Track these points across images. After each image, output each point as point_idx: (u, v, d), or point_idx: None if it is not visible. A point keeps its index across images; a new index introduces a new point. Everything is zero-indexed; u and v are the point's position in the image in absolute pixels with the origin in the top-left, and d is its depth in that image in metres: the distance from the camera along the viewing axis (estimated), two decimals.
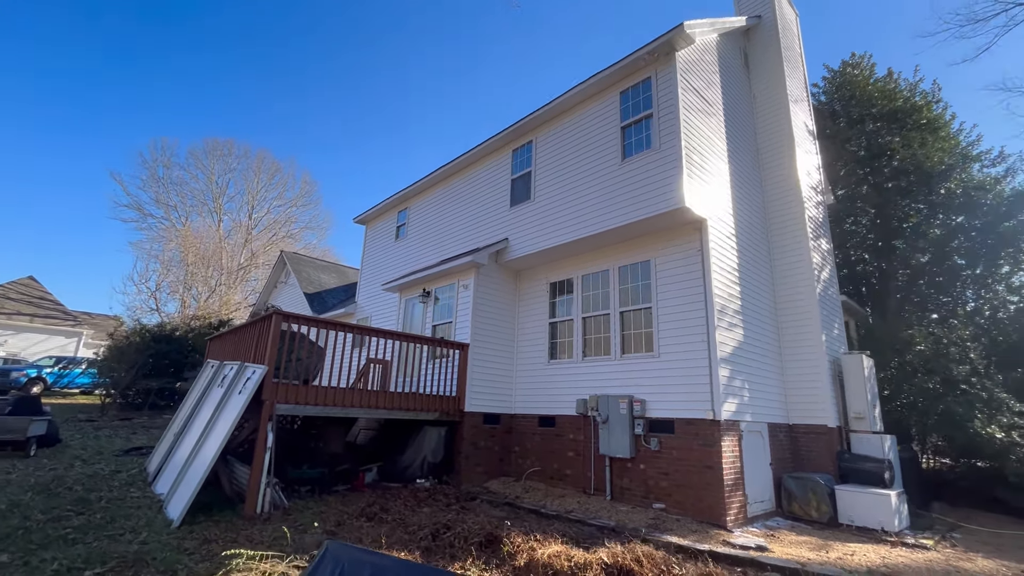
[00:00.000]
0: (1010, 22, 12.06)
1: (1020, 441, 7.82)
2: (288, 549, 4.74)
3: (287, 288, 18.53)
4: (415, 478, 8.22)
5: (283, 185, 36.81)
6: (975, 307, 12.15)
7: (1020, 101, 24.49)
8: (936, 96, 13.33)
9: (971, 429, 8.44)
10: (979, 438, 8.17)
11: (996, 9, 12.14)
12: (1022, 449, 7.72)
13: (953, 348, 9.47)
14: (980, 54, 14.06)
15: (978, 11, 12.72)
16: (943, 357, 9.45)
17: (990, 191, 12.31)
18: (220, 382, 7.59)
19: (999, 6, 12.14)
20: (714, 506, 6.40)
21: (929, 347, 9.70)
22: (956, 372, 9.03)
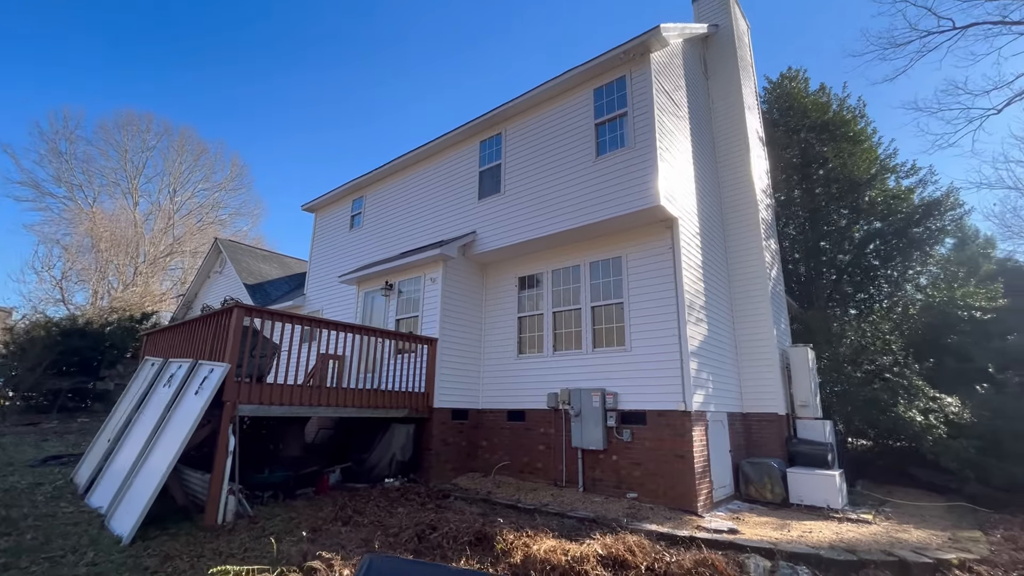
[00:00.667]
0: (923, 48, 13.45)
1: (935, 423, 8.82)
2: (273, 560, 4.41)
3: (222, 279, 17.19)
4: (383, 477, 7.94)
5: (210, 167, 34.03)
6: (889, 304, 13.53)
7: (928, 120, 27.54)
8: (861, 111, 14.66)
9: (893, 413, 9.41)
10: (901, 421, 9.13)
11: (912, 36, 13.51)
12: (937, 430, 8.72)
13: (878, 341, 10.51)
14: (898, 75, 15.61)
15: (897, 36, 14.09)
16: (869, 349, 10.45)
17: (904, 200, 13.73)
18: (167, 382, 6.90)
19: (915, 33, 13.50)
20: (686, 493, 6.69)
21: (857, 340, 10.69)
22: (880, 362, 10.02)
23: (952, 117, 17.47)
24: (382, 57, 60.27)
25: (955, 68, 27.12)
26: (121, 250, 25.38)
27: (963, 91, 15.53)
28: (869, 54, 20.62)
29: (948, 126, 32.64)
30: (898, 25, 20.03)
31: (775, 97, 15.76)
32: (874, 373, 10.17)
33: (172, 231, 30.94)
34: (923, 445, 8.86)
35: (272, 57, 55.66)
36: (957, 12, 13.58)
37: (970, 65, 23.87)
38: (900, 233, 13.71)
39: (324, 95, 61.39)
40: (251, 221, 36.08)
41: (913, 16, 24.84)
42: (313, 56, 57.76)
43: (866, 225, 14.41)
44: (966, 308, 11.98)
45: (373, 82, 62.28)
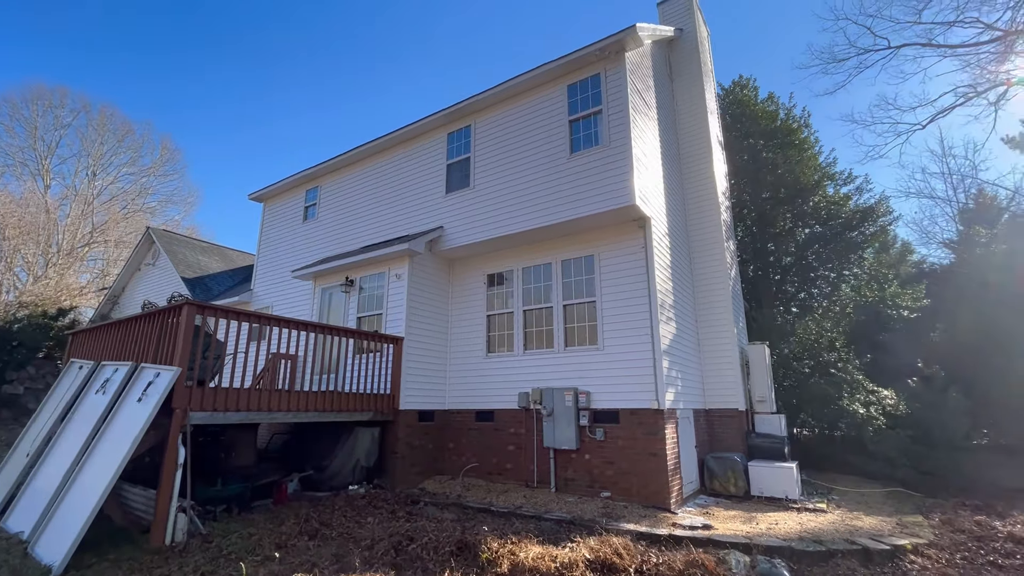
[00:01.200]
0: (861, 65, 14.38)
1: (875, 415, 9.47)
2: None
3: (155, 272, 15.76)
4: (347, 485, 7.51)
5: (136, 149, 31.22)
6: (828, 303, 14.46)
7: (863, 132, 29.73)
8: (806, 121, 15.55)
9: (837, 406, 10.03)
10: (845, 413, 9.73)
11: (851, 52, 14.42)
12: (877, 421, 9.36)
13: (823, 339, 11.16)
14: (838, 89, 16.63)
15: (838, 52, 15.01)
16: (815, 346, 11.08)
17: (842, 206, 14.69)
18: (100, 388, 6.16)
19: (853, 50, 14.43)
20: (659, 491, 6.76)
21: (805, 337, 11.31)
22: (825, 358, 10.65)
23: (883, 130, 18.90)
24: (338, 49, 57.71)
25: (887, 85, 29.52)
26: (31, 238, 22.73)
27: (893, 107, 16.82)
28: (814, 67, 21.89)
29: (879, 139, 35.57)
30: (839, 42, 21.57)
31: (728, 103, 16.40)
32: (820, 369, 10.79)
33: (92, 218, 28.13)
34: (864, 435, 9.48)
35: (218, 44, 51.87)
36: (891, 33, 14.63)
37: (900, 83, 26.09)
38: (838, 237, 14.67)
39: (271, 86, 58.02)
40: (184, 209, 33.51)
41: (853, 34, 26.68)
42: (264, 47, 54.41)
43: (808, 229, 15.31)
44: (895, 307, 12.98)
45: (326, 76, 59.52)
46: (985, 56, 13.02)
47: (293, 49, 56.53)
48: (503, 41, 59.63)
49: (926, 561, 5.33)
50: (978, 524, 6.74)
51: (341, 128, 65.11)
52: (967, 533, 6.38)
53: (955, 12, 12.53)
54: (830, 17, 24.72)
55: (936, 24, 13.34)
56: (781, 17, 41.18)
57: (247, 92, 57.17)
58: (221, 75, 54.03)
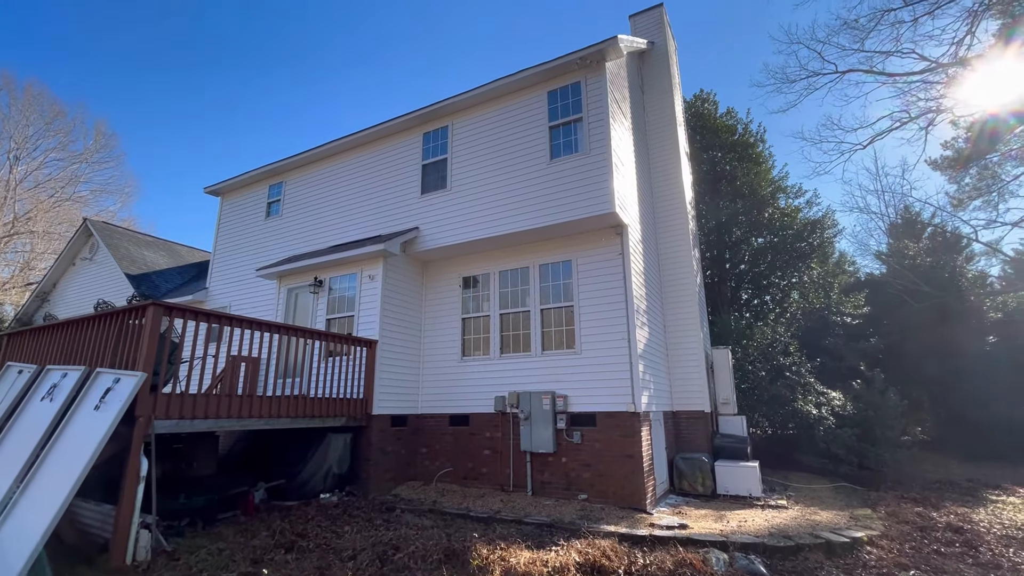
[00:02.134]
0: (810, 87, 15.33)
1: (826, 415, 10.12)
2: None
3: (93, 266, 14.57)
4: (318, 493, 7.24)
5: (66, 133, 28.78)
6: (780, 309, 15.31)
7: (812, 150, 31.65)
8: (762, 136, 16.44)
9: (791, 407, 10.64)
10: (799, 414, 10.34)
11: (803, 74, 15.34)
12: (827, 421, 10.00)
13: (778, 343, 11.81)
14: (790, 108, 17.64)
15: (791, 73, 15.93)
16: (770, 350, 11.70)
17: (792, 218, 15.61)
18: (47, 394, 5.63)
19: (804, 72, 15.36)
20: (635, 492, 6.93)
21: (761, 342, 11.93)
22: (781, 362, 11.27)
23: (829, 148, 20.23)
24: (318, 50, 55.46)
25: (833, 107, 31.74)
26: None
27: (838, 127, 18.17)
28: (769, 86, 23.11)
29: (825, 156, 37.87)
30: (792, 64, 23.03)
31: (689, 116, 17.06)
32: (775, 372, 11.41)
33: (13, 206, 25.73)
34: (816, 434, 10.10)
35: (183, 47, 48.59)
36: (839, 58, 15.70)
37: (844, 105, 28.05)
38: (788, 246, 15.58)
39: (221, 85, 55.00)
40: (120, 200, 31.19)
41: (804, 57, 28.40)
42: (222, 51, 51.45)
43: (761, 238, 16.17)
44: (839, 314, 13.93)
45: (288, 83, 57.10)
46: (918, 84, 14.24)
47: (261, 42, 53.97)
48: (466, 48, 59.40)
49: (880, 552, 5.73)
50: (919, 516, 7.34)
51: (302, 128, 62.77)
52: (911, 524, 6.94)
53: (893, 43, 13.63)
54: (785, 40, 26.30)
55: (877, 52, 14.44)
56: (740, 37, 43.26)
57: (198, 85, 54.02)
58: (171, 64, 50.76)
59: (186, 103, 54.08)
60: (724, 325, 13.12)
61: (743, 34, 44.39)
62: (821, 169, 30.54)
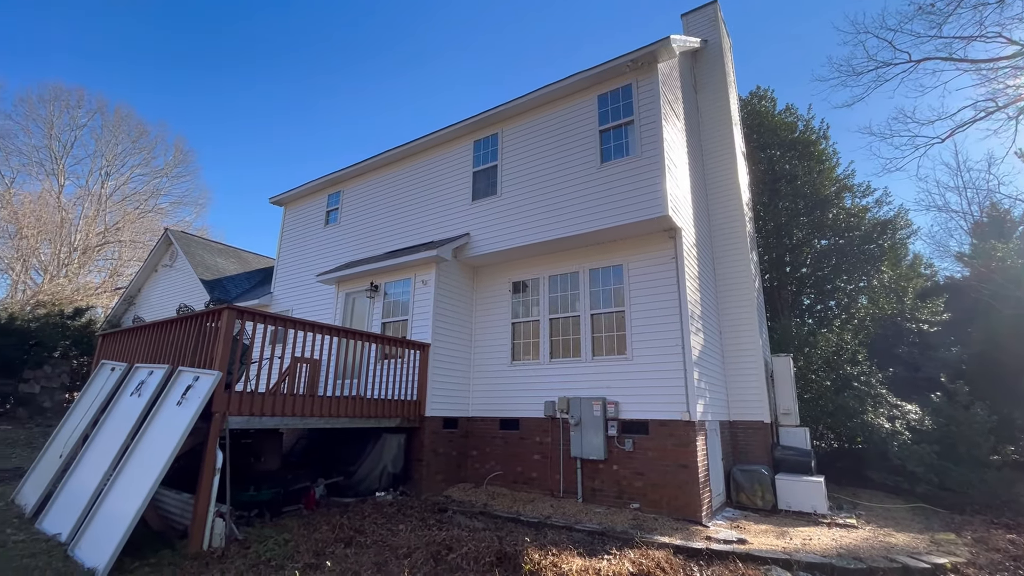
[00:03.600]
0: (879, 79, 14.43)
1: (900, 430, 9.41)
2: None
3: (172, 273, 15.82)
4: (373, 491, 7.49)
5: (149, 150, 31.44)
6: (846, 316, 14.40)
7: (881, 145, 29.72)
8: (824, 133, 15.57)
9: (860, 420, 9.97)
10: (868, 427, 9.67)
11: (870, 66, 14.45)
12: (902, 436, 9.30)
13: (845, 352, 11.11)
14: (856, 102, 16.65)
15: (857, 65, 15.04)
16: (836, 359, 11.03)
17: (860, 218, 14.67)
18: (135, 390, 6.17)
19: (872, 63, 14.46)
20: (690, 503, 6.72)
21: (826, 349, 11.27)
22: (848, 371, 10.59)
23: (901, 143, 18.90)
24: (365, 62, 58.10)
25: (906, 98, 29.43)
26: (46, 237, 22.87)
27: (912, 120, 16.94)
28: (833, 80, 21.91)
29: (897, 151, 35.33)
30: (858, 55, 21.80)
31: (745, 114, 16.43)
32: (841, 382, 10.74)
33: (104, 218, 28.32)
34: (889, 449, 9.41)
35: (250, 57, 52.37)
36: (912, 46, 14.62)
37: (919, 96, 26.09)
38: (856, 249, 14.64)
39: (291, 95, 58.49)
40: (195, 211, 33.69)
41: (873, 47, 26.77)
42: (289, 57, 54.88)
43: (824, 240, 15.29)
44: (914, 321, 12.93)
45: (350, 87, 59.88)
46: (1006, 71, 13.04)
47: (316, 58, 56.96)
48: (520, 53, 59.95)
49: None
50: (1012, 543, 6.67)
51: (354, 138, 65.48)
52: (1003, 552, 6.32)
53: (976, 27, 12.57)
54: (850, 31, 24.82)
55: (957, 38, 13.38)
56: (800, 30, 41.19)
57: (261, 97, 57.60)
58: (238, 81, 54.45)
59: (246, 111, 57.59)
60: (784, 332, 12.49)
61: (802, 28, 42.26)
62: (892, 166, 28.53)
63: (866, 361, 11.10)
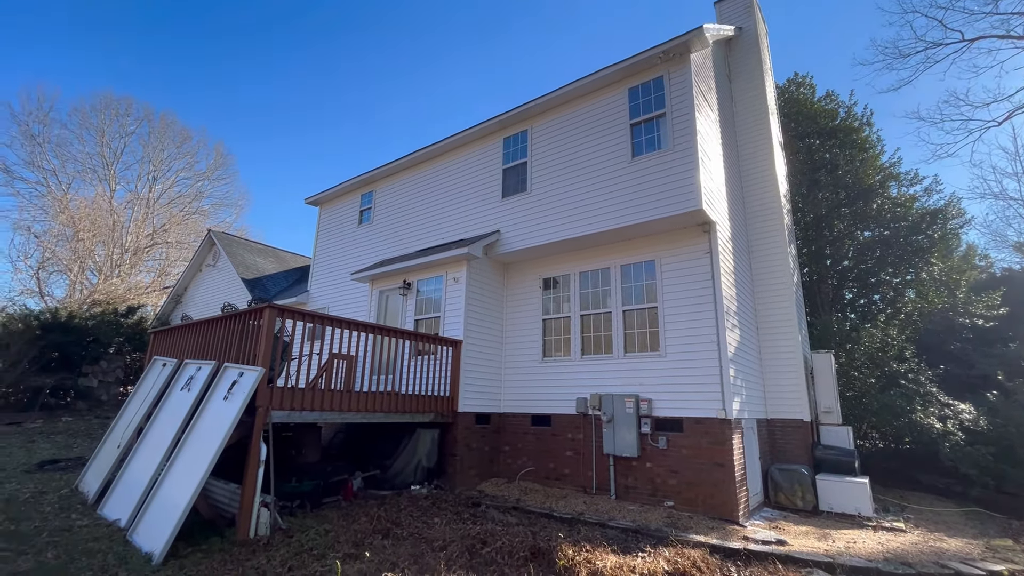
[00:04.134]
0: (927, 60, 13.69)
1: (952, 430, 8.96)
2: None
3: (215, 272, 16.51)
4: (408, 484, 7.66)
5: (192, 155, 32.79)
6: (892, 311, 13.77)
7: (930, 130, 28.13)
8: (868, 119, 14.88)
9: (908, 419, 9.54)
10: (918, 427, 9.24)
11: (919, 47, 13.73)
12: (955, 437, 8.85)
13: (890, 348, 10.64)
14: (903, 86, 15.87)
15: (904, 47, 14.30)
16: (881, 355, 10.57)
17: (907, 208, 13.97)
18: (185, 385, 6.49)
19: (920, 44, 13.73)
20: (726, 502, 6.60)
21: (869, 346, 10.81)
22: (894, 368, 10.14)
23: (953, 128, 17.92)
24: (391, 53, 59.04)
25: (958, 80, 27.60)
26: (100, 240, 24.22)
27: (964, 102, 15.94)
28: (877, 63, 20.89)
29: (948, 136, 33.31)
30: (905, 36, 20.65)
31: (782, 102, 15.87)
32: (887, 379, 10.29)
33: (152, 221, 29.73)
34: (940, 450, 8.98)
35: (268, 48, 54.03)
36: (964, 25, 13.76)
37: (972, 78, 24.44)
38: (903, 240, 13.96)
39: (323, 91, 60.01)
40: (235, 212, 34.94)
41: (921, 27, 25.34)
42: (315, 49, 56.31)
43: (868, 232, 14.64)
44: (967, 315, 12.25)
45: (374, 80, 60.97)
46: None
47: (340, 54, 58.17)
48: (557, 49, 59.62)
49: None
50: None
51: (383, 136, 66.54)
52: None
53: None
54: (896, 11, 23.60)
55: (1015, 14, 12.57)
56: (840, 12, 39.37)
57: (299, 100, 59.22)
58: (270, 82, 56.15)
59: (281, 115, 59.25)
60: (825, 328, 12.05)
61: (844, 11, 40.40)
62: (943, 152, 26.98)
63: (914, 358, 10.59)
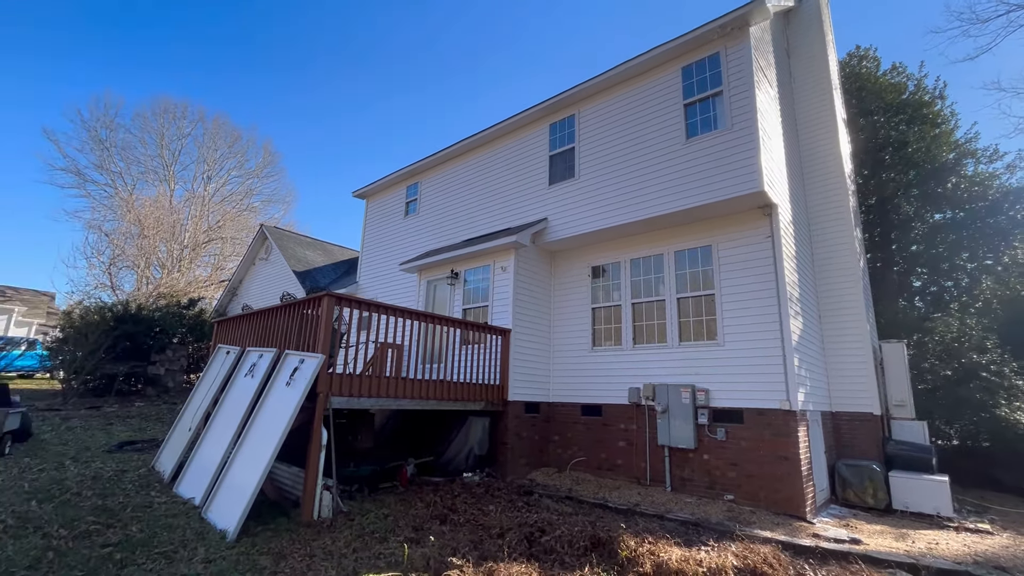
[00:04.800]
0: (1010, 25, 12.50)
1: None
2: (403, 567, 4.18)
3: (267, 265, 17.15)
4: (460, 471, 7.73)
5: (243, 154, 34.17)
6: (967, 298, 12.78)
7: (1013, 102, 25.72)
8: (941, 92, 13.78)
9: (990, 415, 8.84)
10: (1002, 423, 8.55)
11: (1000, 10, 12.55)
12: None
13: (967, 339, 9.87)
14: (981, 54, 14.61)
15: (981, 12, 13.10)
16: (957, 346, 9.83)
17: (987, 187, 12.89)
18: (248, 371, 6.74)
19: (1003, 7, 12.54)
20: (792, 497, 6.30)
21: (945, 336, 10.07)
22: (975, 360, 9.41)
23: None
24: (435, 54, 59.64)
25: None
26: (162, 237, 25.66)
27: None
28: (953, 30, 19.32)
29: None
30: None
31: (843, 78, 14.91)
32: (964, 371, 9.56)
33: (207, 218, 31.23)
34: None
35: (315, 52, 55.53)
36: None
37: None
38: (981, 222, 12.90)
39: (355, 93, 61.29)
40: (283, 208, 36.26)
41: None
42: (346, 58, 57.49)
43: (939, 214, 13.61)
44: None
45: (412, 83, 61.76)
46: None
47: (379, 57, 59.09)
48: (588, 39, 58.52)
49: None
50: None
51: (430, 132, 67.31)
52: None
53: None
54: None
55: None
56: None
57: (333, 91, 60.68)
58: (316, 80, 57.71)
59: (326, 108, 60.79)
60: (890, 316, 11.34)
61: None
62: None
63: (996, 348, 9.78)
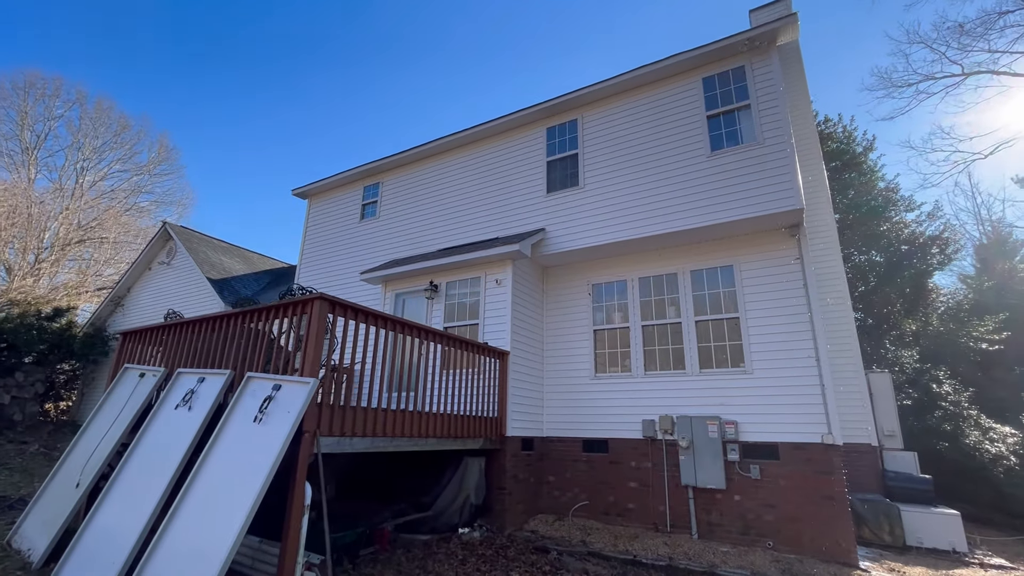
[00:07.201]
0: (919, 94, 14.19)
1: (1004, 453, 8.67)
2: None
3: (169, 271, 14.19)
4: (454, 526, 6.25)
5: (131, 146, 29.39)
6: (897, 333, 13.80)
7: (917, 160, 29.78)
8: (871, 145, 15.20)
9: (954, 444, 9.21)
10: (965, 451, 8.91)
11: (913, 79, 14.20)
12: (1007, 460, 8.55)
13: (924, 372, 10.41)
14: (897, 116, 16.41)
15: (897, 79, 14.75)
16: (920, 376, 10.32)
17: (913, 233, 14.24)
18: (183, 401, 4.85)
19: (914, 76, 14.22)
20: (840, 542, 5.74)
21: (910, 367, 10.56)
22: (935, 390, 9.88)
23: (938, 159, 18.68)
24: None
25: (945, 113, 29.45)
26: (16, 232, 20.73)
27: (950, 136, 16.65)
28: (879, 91, 21.81)
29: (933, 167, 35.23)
30: (898, 67, 21.82)
31: None
32: (930, 401, 10.00)
33: (79, 215, 26.11)
34: (991, 476, 8.66)
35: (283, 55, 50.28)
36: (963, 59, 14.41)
37: (957, 113, 26.12)
38: (904, 266, 14.16)
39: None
40: (178, 211, 31.46)
41: (919, 60, 26.79)
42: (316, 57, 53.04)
43: (877, 256, 14.79)
44: (975, 340, 12.37)
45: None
46: None
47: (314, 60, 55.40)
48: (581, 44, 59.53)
49: None
50: None
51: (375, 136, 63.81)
52: None
53: None
54: (902, 40, 24.96)
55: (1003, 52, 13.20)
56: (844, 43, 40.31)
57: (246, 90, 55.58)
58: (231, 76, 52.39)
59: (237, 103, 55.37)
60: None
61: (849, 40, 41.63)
62: (928, 183, 28.82)
63: (949, 379, 10.40)
